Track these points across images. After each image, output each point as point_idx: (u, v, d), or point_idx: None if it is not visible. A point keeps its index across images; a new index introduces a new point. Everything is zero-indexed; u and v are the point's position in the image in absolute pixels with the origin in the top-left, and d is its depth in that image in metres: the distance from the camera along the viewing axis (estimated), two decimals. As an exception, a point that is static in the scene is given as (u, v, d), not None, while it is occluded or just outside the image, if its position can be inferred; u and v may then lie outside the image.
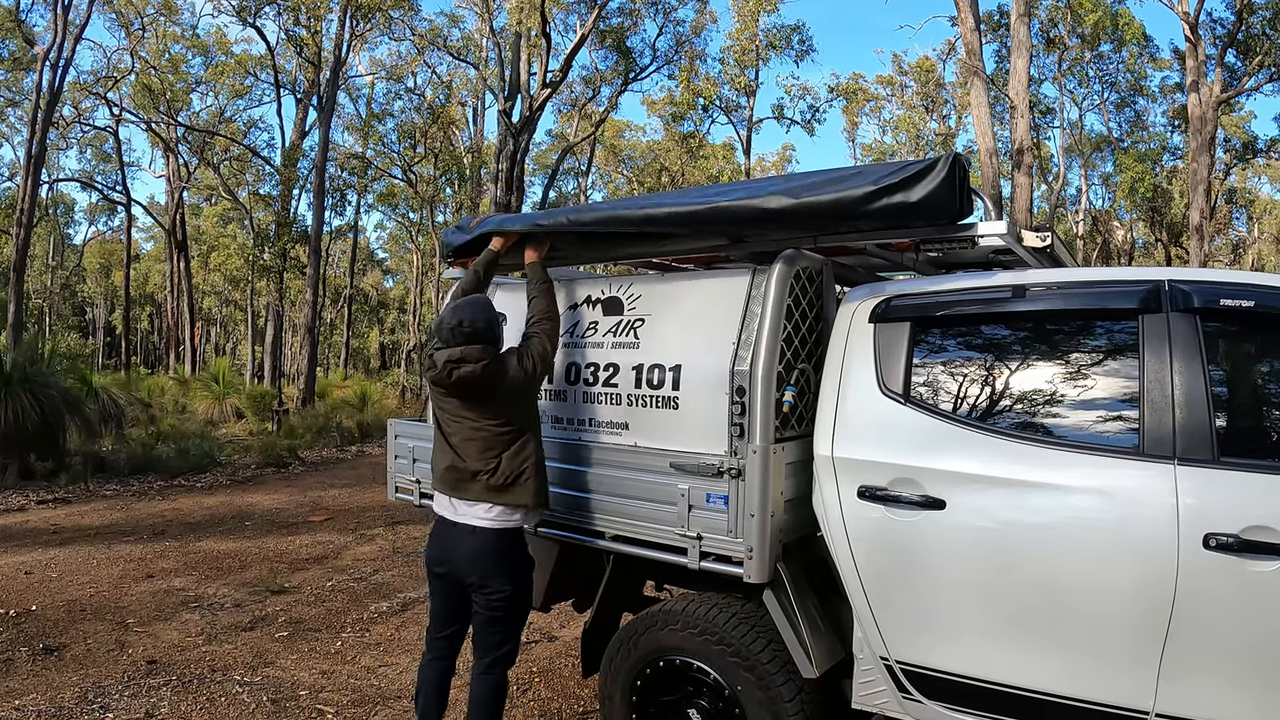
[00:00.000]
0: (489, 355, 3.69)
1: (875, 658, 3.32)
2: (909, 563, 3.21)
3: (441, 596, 3.95)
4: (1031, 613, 2.99)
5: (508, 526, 3.73)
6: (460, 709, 4.41)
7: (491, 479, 3.70)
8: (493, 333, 3.77)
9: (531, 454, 3.74)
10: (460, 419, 3.78)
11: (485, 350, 3.70)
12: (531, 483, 3.72)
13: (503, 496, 3.70)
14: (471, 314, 3.74)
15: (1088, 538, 2.90)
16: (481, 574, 3.71)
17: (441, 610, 3.98)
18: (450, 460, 3.79)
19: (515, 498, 3.70)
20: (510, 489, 3.70)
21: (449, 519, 3.81)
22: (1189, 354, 2.91)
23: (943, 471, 3.16)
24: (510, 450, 3.71)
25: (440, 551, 3.83)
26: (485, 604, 3.75)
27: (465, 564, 3.73)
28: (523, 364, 3.74)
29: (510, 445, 3.73)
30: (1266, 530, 2.64)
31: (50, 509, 11.21)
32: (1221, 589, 2.71)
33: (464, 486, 3.75)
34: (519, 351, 3.80)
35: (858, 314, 3.55)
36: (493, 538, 3.71)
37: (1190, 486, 2.78)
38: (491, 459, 3.71)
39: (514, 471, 3.70)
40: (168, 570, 8.16)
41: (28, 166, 25.06)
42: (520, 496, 3.70)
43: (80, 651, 5.94)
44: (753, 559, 3.30)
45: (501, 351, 3.81)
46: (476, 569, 3.72)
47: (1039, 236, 3.49)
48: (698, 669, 3.67)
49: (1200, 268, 19.21)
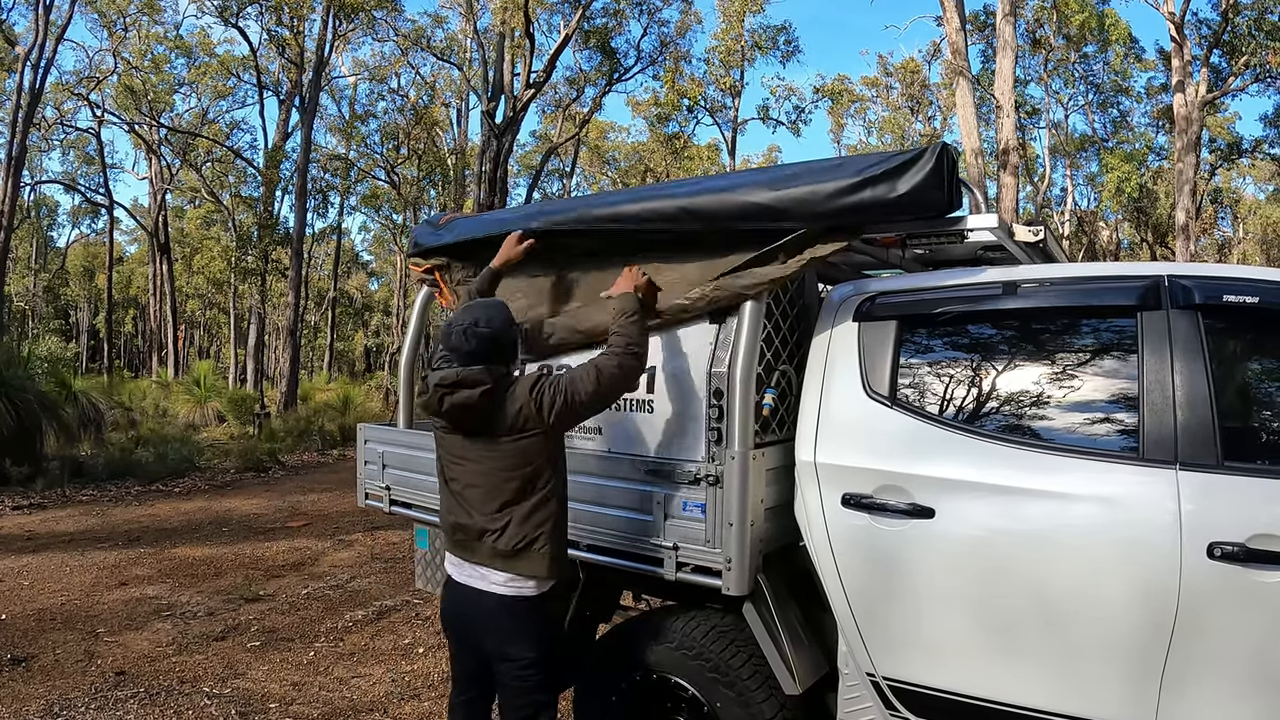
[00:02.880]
0: (492, 378, 3.13)
1: (861, 673, 3.17)
2: (896, 574, 3.05)
3: (458, 659, 3.45)
4: (1025, 626, 2.85)
5: (520, 594, 3.16)
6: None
7: (499, 540, 3.13)
8: (500, 349, 3.20)
9: (550, 515, 3.15)
10: (462, 461, 3.22)
11: (488, 371, 3.14)
12: (547, 550, 3.13)
13: (511, 564, 3.13)
14: (487, 316, 3.20)
15: (1085, 547, 2.76)
16: (497, 641, 3.18)
17: (459, 673, 3.47)
18: (455, 516, 3.25)
19: (527, 567, 3.13)
20: (520, 556, 3.12)
21: (454, 577, 3.31)
22: (1191, 353, 2.77)
23: (931, 478, 3.01)
24: (523, 507, 3.13)
25: (451, 608, 3.34)
26: (507, 673, 3.18)
27: (478, 629, 3.23)
28: (537, 395, 3.08)
29: (522, 499, 3.13)
30: (1274, 539, 2.51)
31: (25, 514, 11.07)
32: (1226, 601, 2.57)
33: (471, 547, 3.20)
34: (540, 380, 3.15)
35: (841, 313, 3.40)
36: (504, 603, 3.16)
37: (1193, 493, 2.65)
38: (500, 517, 3.14)
39: (526, 537, 3.11)
40: (141, 578, 8.01)
41: (8, 168, 25.01)
42: (533, 566, 3.12)
43: (49, 662, 5.82)
44: (731, 570, 3.14)
45: (513, 375, 3.28)
46: (490, 635, 3.19)
47: (1031, 230, 3.35)
48: (675, 684, 3.51)
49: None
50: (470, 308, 3.25)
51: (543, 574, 3.12)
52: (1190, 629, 2.61)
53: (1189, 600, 2.59)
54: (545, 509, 3.13)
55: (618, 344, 3.16)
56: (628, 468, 3.49)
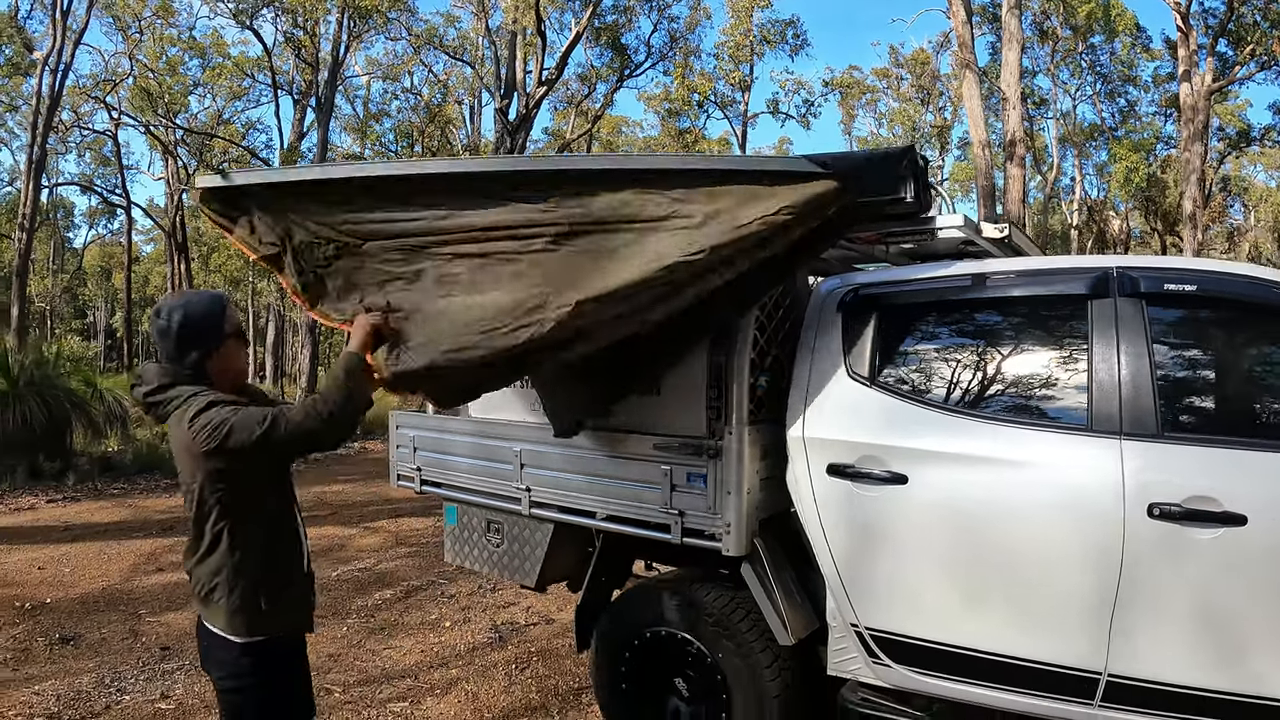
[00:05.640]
0: (161, 379, 2.76)
1: (846, 625, 3.53)
2: (875, 534, 3.42)
3: None
4: (989, 580, 3.20)
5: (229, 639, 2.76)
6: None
7: (191, 580, 2.80)
8: (181, 342, 2.75)
9: (223, 564, 2.70)
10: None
11: (162, 371, 2.78)
12: (224, 604, 2.70)
13: (204, 609, 2.79)
14: (174, 306, 2.79)
15: (1040, 508, 3.11)
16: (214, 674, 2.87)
17: None
18: None
19: (211, 616, 2.76)
20: (205, 602, 2.76)
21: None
22: (1135, 336, 3.12)
23: (905, 449, 3.37)
24: (199, 547, 2.74)
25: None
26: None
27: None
28: (202, 421, 2.57)
29: (199, 540, 2.73)
30: (1208, 500, 2.85)
31: (60, 507, 11.43)
32: (1166, 556, 2.91)
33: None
34: (210, 406, 2.61)
35: (827, 303, 3.76)
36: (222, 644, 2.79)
37: (1135, 460, 2.99)
38: (189, 555, 2.80)
39: (204, 582, 2.73)
40: (176, 564, 8.28)
41: (29, 171, 25.22)
42: (214, 616, 2.74)
43: (95, 640, 6.16)
44: (730, 533, 3.52)
45: (186, 385, 2.74)
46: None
47: (997, 228, 3.70)
48: (682, 639, 3.89)
49: (1193, 256, 19.36)
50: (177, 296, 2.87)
51: (222, 628, 2.74)
52: (1134, 580, 2.95)
53: (1132, 555, 2.94)
54: (215, 552, 2.72)
55: (310, 403, 2.71)
56: (637, 444, 3.84)
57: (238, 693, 2.79)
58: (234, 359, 2.88)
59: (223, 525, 2.68)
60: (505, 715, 4.88)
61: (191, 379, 2.74)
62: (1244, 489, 2.85)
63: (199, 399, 2.64)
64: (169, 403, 2.69)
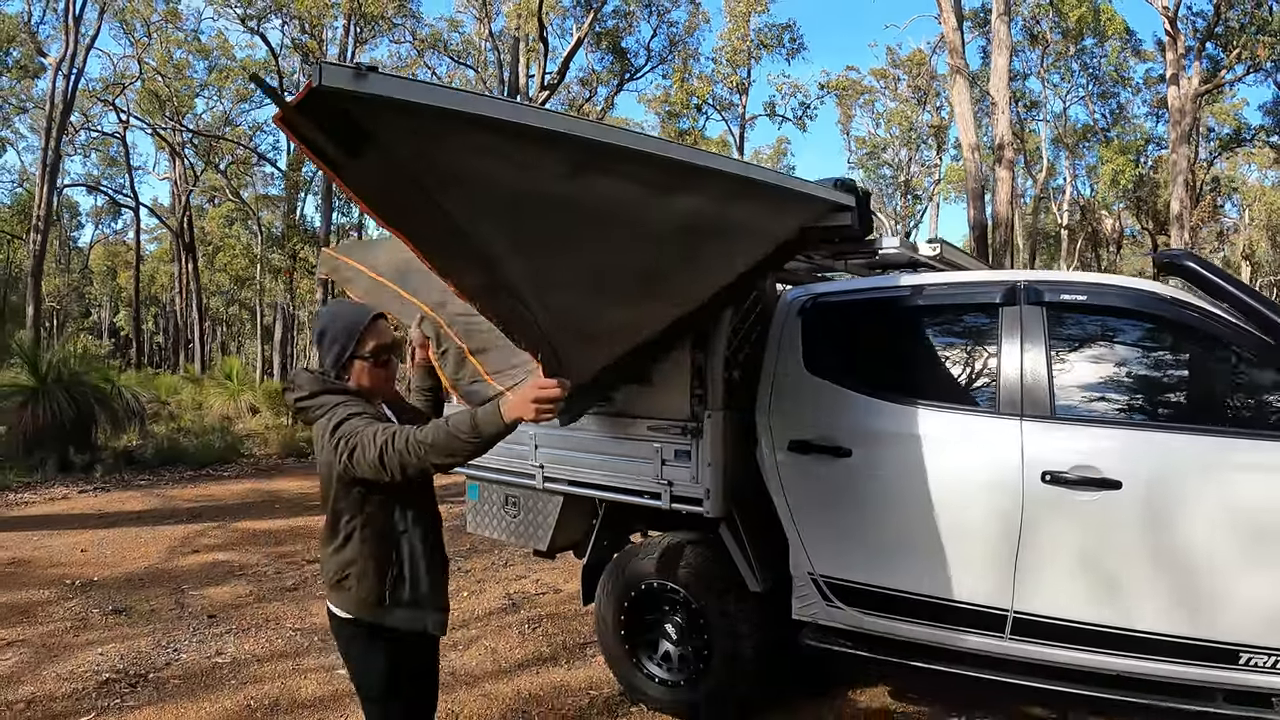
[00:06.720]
0: (312, 387, 2.87)
1: (805, 574, 4.26)
2: (826, 498, 4.17)
3: None
4: (917, 533, 3.91)
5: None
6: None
7: (322, 568, 2.98)
8: (323, 351, 2.93)
9: (353, 556, 2.85)
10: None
11: (313, 379, 2.90)
12: (354, 593, 2.85)
13: (333, 594, 2.92)
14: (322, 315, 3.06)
15: (957, 475, 3.85)
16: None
17: None
18: None
19: (341, 602, 2.90)
20: (336, 589, 2.90)
21: None
22: (1035, 336, 3.84)
23: (849, 429, 4.12)
24: (334, 540, 2.89)
25: None
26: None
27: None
28: (338, 435, 2.69)
29: (333, 535, 2.89)
30: (1089, 469, 3.57)
31: (92, 497, 11.98)
32: (1056, 513, 3.63)
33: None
34: (346, 420, 2.71)
35: (790, 310, 4.50)
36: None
37: (1033, 436, 3.71)
38: (324, 544, 2.95)
39: (336, 571, 2.88)
40: (210, 546, 9.00)
41: (43, 174, 25.70)
42: (344, 602, 2.89)
43: (145, 611, 6.77)
44: (710, 499, 4.24)
45: (332, 394, 2.85)
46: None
47: (930, 246, 4.42)
48: (671, 589, 4.63)
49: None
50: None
51: (350, 612, 2.89)
52: (1032, 535, 3.67)
53: (1030, 513, 3.66)
54: (348, 549, 2.86)
55: (429, 437, 2.55)
56: (633, 426, 4.54)
57: (364, 674, 2.95)
58: (366, 375, 2.93)
59: (355, 524, 2.83)
60: (521, 665, 5.58)
61: (338, 388, 2.87)
62: (1119, 460, 3.55)
63: (340, 410, 2.74)
64: (316, 409, 2.80)
